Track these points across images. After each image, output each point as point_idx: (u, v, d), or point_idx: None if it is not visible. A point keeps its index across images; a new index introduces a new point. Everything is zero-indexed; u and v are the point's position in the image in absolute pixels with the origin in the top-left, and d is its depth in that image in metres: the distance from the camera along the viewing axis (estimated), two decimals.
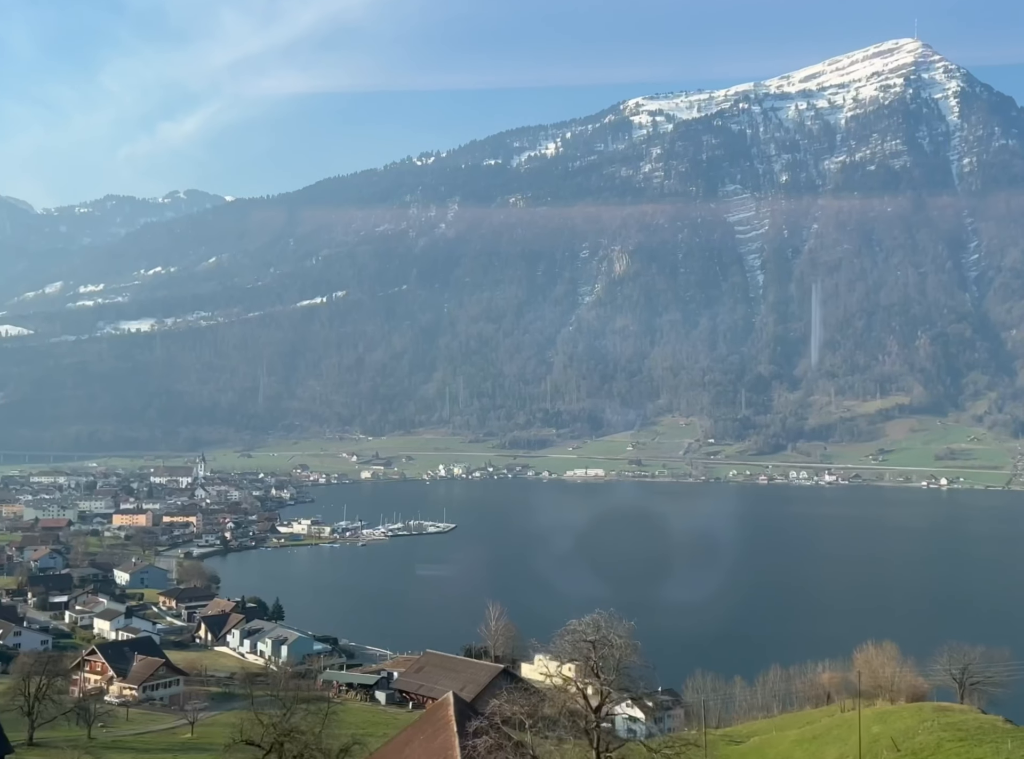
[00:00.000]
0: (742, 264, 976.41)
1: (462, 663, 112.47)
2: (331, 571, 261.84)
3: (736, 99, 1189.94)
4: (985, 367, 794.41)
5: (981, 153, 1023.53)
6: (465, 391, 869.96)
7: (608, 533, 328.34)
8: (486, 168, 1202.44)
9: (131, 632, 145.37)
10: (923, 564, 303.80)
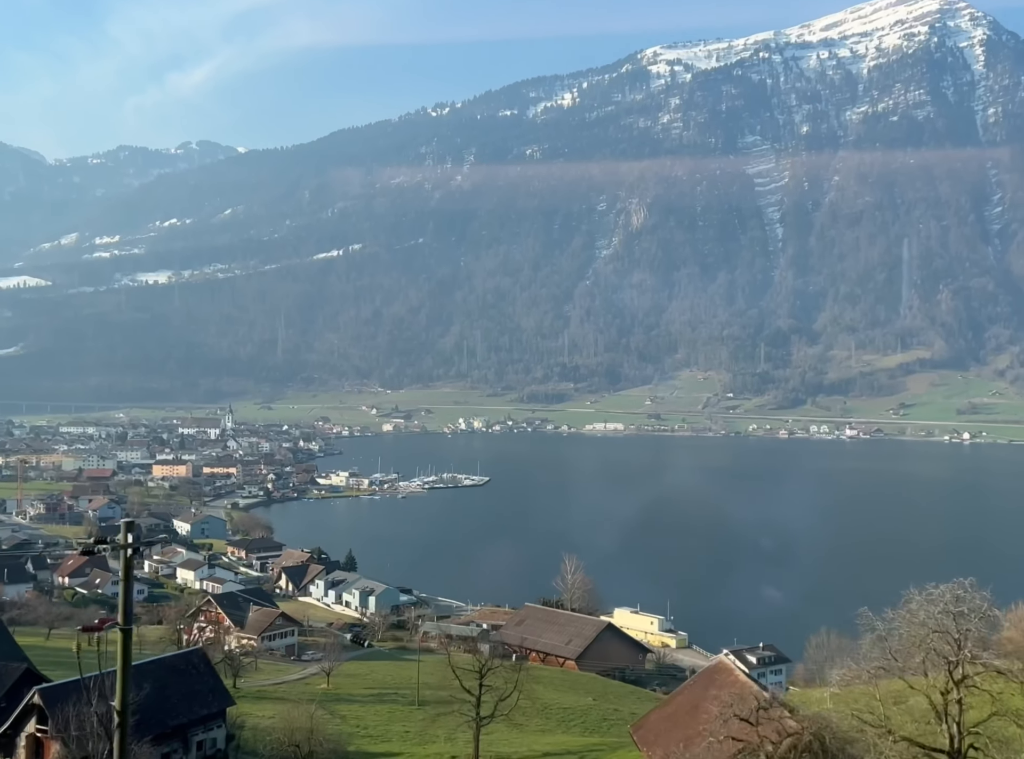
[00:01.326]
0: (761, 217, 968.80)
1: (564, 616, 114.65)
2: (381, 522, 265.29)
3: (756, 48, 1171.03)
4: (1007, 321, 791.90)
5: (1007, 103, 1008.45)
6: (482, 345, 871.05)
7: (648, 487, 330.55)
8: (502, 119, 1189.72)
9: (216, 582, 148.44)
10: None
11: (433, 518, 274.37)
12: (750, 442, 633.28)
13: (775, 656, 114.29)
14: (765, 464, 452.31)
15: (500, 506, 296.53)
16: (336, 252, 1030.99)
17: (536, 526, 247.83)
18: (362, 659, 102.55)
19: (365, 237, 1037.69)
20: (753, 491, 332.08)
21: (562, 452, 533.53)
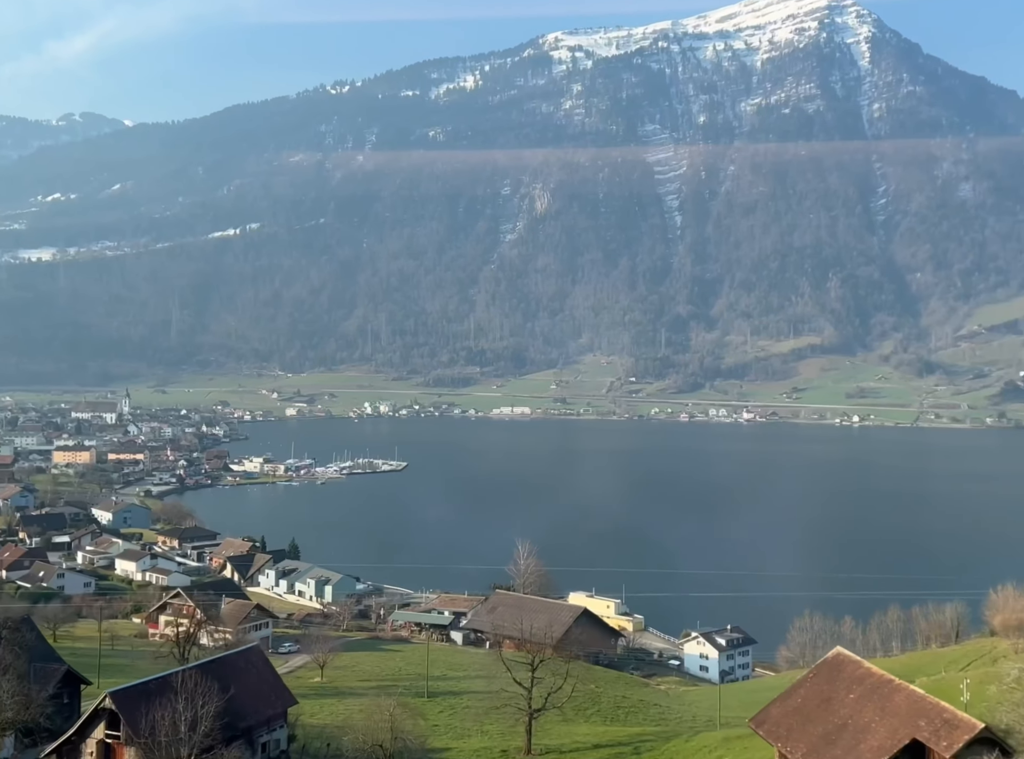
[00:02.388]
0: (661, 205, 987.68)
1: (536, 603, 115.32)
2: (307, 509, 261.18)
3: (655, 38, 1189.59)
4: (891, 309, 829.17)
5: (890, 99, 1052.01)
6: (387, 328, 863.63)
7: (567, 470, 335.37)
8: (404, 100, 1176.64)
9: (160, 573, 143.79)
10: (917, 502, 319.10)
11: (360, 504, 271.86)
12: (653, 425, 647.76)
13: (743, 638, 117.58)
14: (674, 447, 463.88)
15: (424, 491, 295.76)
16: (233, 231, 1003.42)
17: (468, 511, 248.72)
18: (340, 650, 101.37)
19: (264, 216, 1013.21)
20: (670, 474, 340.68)
21: (474, 436, 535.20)
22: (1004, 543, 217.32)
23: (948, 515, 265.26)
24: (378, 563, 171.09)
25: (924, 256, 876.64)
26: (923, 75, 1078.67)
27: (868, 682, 37.85)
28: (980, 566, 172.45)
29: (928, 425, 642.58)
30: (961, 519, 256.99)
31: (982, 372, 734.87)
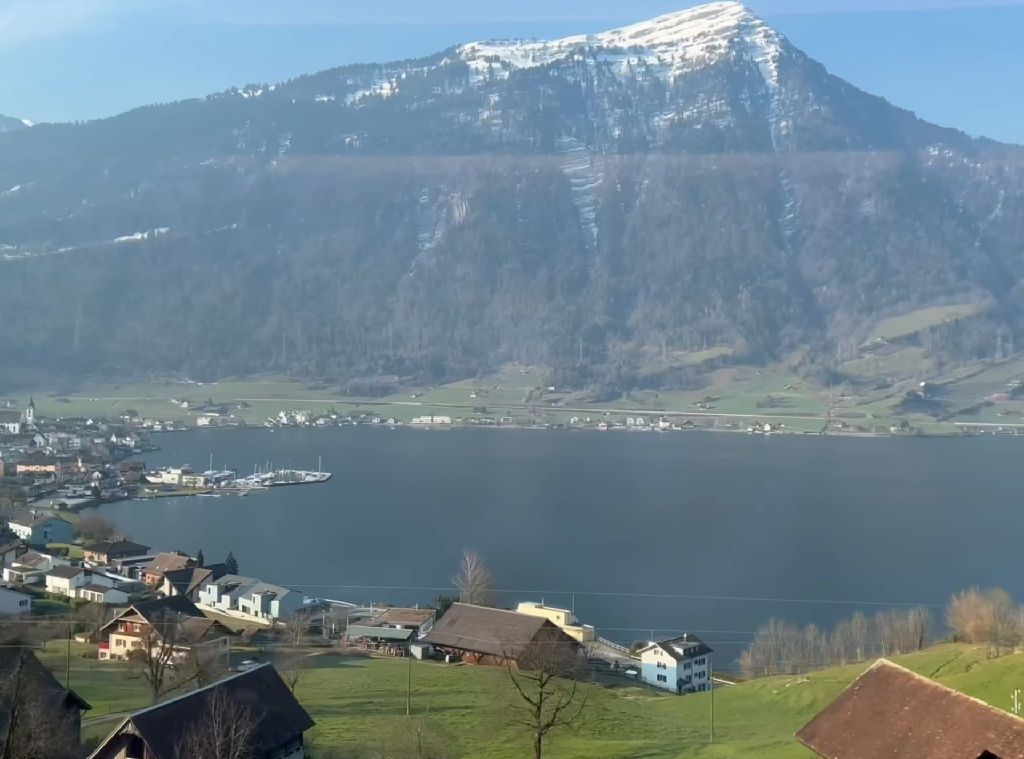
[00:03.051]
0: (578, 216, 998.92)
1: (497, 615, 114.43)
2: (232, 522, 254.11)
3: (571, 51, 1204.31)
4: (799, 321, 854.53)
5: (797, 117, 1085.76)
6: (302, 336, 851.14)
7: (497, 479, 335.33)
8: (319, 105, 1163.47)
9: (96, 590, 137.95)
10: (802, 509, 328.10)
11: (289, 517, 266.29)
12: (573, 434, 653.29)
13: (699, 646, 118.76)
14: (599, 456, 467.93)
15: (352, 503, 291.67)
16: (140, 235, 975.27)
17: (401, 522, 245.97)
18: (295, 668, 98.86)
19: (173, 221, 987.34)
20: (602, 483, 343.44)
21: (395, 446, 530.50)
22: (939, 549, 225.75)
23: (877, 522, 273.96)
24: (318, 577, 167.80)
25: (830, 270, 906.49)
26: (827, 95, 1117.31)
27: (922, 694, 38.17)
28: (920, 572, 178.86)
29: (836, 434, 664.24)
30: (890, 525, 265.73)
31: (885, 383, 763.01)
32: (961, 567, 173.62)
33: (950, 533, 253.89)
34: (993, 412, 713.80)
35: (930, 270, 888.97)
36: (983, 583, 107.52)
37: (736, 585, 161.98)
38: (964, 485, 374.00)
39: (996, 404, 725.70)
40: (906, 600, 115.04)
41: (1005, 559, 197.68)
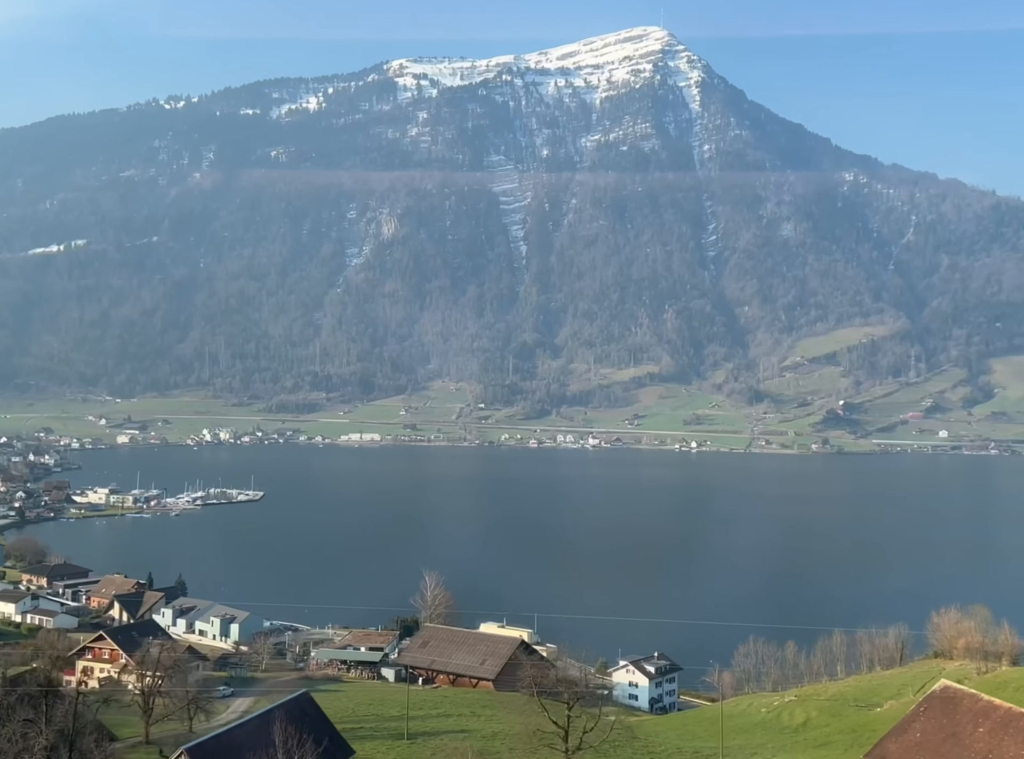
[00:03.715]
0: (507, 234, 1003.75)
1: (470, 636, 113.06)
2: (168, 542, 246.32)
3: (499, 70, 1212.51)
4: (723, 340, 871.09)
5: (719, 141, 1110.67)
6: (226, 352, 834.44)
7: (433, 496, 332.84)
8: (243, 118, 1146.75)
9: (44, 615, 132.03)
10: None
11: (225, 537, 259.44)
12: (504, 451, 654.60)
13: (669, 665, 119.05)
14: (534, 473, 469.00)
15: (290, 522, 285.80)
16: (56, 247, 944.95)
17: (343, 542, 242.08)
18: (272, 693, 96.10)
19: (91, 233, 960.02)
20: (543, 500, 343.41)
21: (326, 464, 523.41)
22: (894, 564, 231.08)
23: (823, 538, 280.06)
24: (265, 598, 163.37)
25: (751, 291, 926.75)
26: (748, 120, 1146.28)
27: (996, 715, 38.46)
28: (880, 587, 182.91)
29: (760, 450, 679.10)
30: (836, 542, 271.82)
31: (805, 401, 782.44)
32: (919, 582, 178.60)
33: (901, 549, 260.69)
34: (908, 430, 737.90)
35: (847, 292, 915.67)
36: (941, 598, 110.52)
37: (697, 604, 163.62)
38: (898, 501, 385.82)
39: (911, 422, 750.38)
40: (867, 615, 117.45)
41: (962, 574, 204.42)
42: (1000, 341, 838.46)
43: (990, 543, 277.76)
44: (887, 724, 73.04)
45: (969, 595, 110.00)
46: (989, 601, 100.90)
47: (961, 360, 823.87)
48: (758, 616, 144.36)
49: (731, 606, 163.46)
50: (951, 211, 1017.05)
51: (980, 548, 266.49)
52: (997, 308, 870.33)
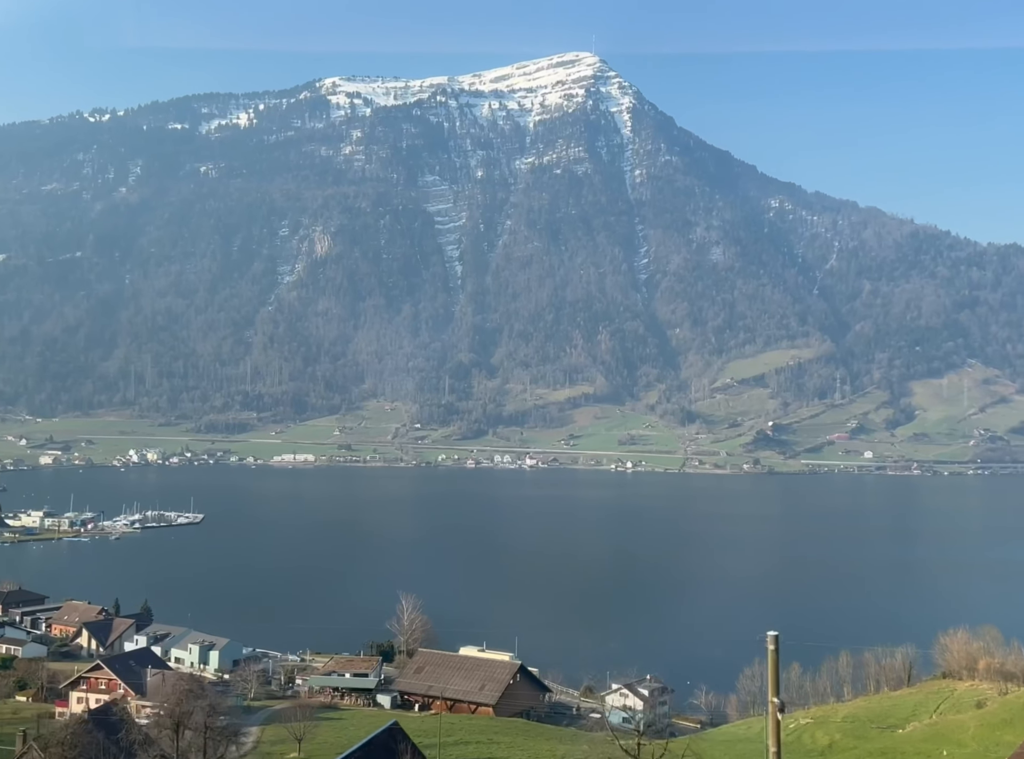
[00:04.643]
0: (442, 254, 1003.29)
1: (465, 660, 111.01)
2: (114, 567, 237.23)
3: (433, 91, 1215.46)
4: (655, 361, 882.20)
5: (650, 166, 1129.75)
6: (153, 370, 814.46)
7: (376, 517, 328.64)
8: (171, 132, 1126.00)
9: (12, 644, 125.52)
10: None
11: (171, 561, 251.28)
12: (442, 472, 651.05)
13: (662, 688, 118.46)
14: (475, 493, 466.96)
15: (236, 546, 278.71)
16: None
17: (296, 565, 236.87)
18: (275, 721, 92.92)
19: (10, 247, 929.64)
20: (490, 520, 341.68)
21: (261, 485, 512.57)
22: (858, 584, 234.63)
23: (769, 555, 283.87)
24: (236, 624, 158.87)
25: (682, 313, 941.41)
26: (678, 146, 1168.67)
27: None
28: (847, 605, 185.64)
29: (694, 471, 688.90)
30: (789, 558, 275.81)
31: (736, 422, 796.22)
32: (892, 601, 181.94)
33: (863, 567, 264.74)
34: (835, 450, 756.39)
35: (773, 315, 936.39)
36: (912, 615, 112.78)
37: (676, 625, 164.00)
38: (844, 520, 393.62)
39: (837, 443, 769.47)
40: (849, 634, 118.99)
41: (929, 592, 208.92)
42: (920, 364, 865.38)
43: (949, 561, 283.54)
44: (914, 745, 74.16)
45: (928, 611, 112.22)
46: (956, 617, 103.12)
47: (883, 383, 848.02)
48: (735, 633, 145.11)
49: (708, 626, 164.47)
50: (872, 238, 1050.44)
51: (942, 566, 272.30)
52: (917, 332, 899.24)
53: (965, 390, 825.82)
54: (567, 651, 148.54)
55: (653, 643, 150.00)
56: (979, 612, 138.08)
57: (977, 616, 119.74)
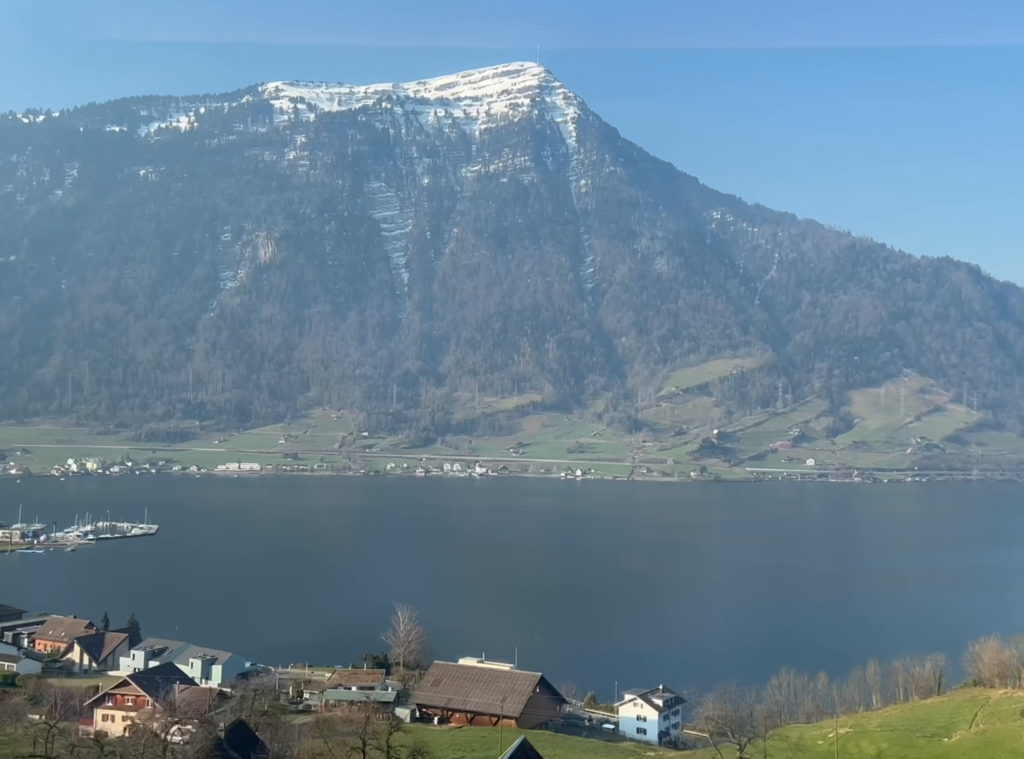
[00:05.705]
0: (388, 261, 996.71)
1: (485, 672, 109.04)
2: (77, 581, 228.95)
3: (378, 97, 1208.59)
4: (602, 370, 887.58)
5: (595, 177, 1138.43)
6: (91, 377, 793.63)
7: (333, 526, 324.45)
8: (109, 135, 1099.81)
9: (7, 660, 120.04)
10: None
11: (136, 573, 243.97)
12: (391, 481, 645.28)
13: (675, 698, 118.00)
14: (433, 503, 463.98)
15: (198, 557, 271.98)
16: None
17: (264, 576, 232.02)
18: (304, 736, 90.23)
19: None
20: (452, 529, 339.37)
21: (209, 495, 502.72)
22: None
23: (732, 564, 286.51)
24: (222, 636, 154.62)
25: (628, 322, 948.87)
26: (622, 157, 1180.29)
27: None
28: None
29: (642, 478, 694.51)
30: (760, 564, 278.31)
31: (681, 430, 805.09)
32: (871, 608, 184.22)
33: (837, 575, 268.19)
34: (778, 458, 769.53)
35: (717, 325, 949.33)
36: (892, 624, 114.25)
37: (664, 633, 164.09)
38: (805, 528, 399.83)
39: (780, 451, 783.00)
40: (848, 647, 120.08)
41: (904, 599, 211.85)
42: (858, 374, 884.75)
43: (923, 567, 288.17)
44: (967, 754, 74.45)
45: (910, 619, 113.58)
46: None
47: (823, 392, 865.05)
48: (725, 641, 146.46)
49: (697, 633, 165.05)
50: (811, 250, 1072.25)
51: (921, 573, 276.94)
52: (855, 343, 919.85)
53: (902, 399, 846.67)
54: (562, 660, 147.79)
55: (648, 653, 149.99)
56: (997, 621, 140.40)
57: (998, 624, 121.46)
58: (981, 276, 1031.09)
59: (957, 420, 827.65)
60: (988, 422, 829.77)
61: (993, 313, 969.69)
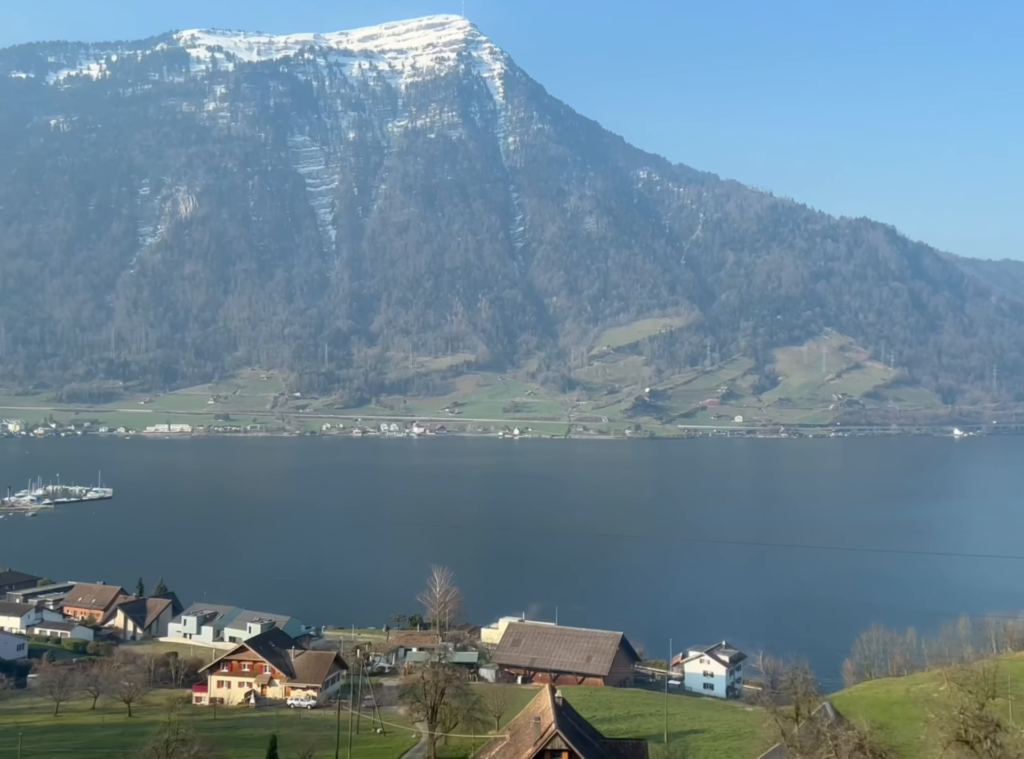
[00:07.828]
0: (315, 218, 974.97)
1: (565, 633, 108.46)
2: (58, 546, 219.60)
3: (300, 48, 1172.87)
4: (534, 329, 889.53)
5: (523, 134, 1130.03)
6: (7, 336, 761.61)
7: (287, 488, 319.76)
8: (16, 82, 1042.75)
9: (59, 628, 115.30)
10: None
11: (110, 537, 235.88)
12: (327, 441, 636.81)
13: (738, 654, 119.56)
14: (376, 463, 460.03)
15: (165, 521, 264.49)
16: None
17: (240, 540, 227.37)
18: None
19: None
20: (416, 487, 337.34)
21: (150, 457, 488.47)
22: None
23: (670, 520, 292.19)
24: (251, 600, 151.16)
25: (559, 282, 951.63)
26: (549, 114, 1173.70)
27: None
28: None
29: (579, 437, 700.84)
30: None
31: (614, 388, 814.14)
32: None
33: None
34: (707, 415, 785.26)
35: (645, 284, 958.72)
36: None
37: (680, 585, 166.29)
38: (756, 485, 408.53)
39: (709, 408, 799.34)
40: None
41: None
42: (781, 332, 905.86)
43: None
44: None
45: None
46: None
47: (749, 350, 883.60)
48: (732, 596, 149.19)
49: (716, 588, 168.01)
50: (735, 210, 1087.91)
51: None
52: (778, 302, 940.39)
53: (823, 357, 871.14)
54: (602, 619, 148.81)
55: (676, 610, 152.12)
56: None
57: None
58: (897, 237, 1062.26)
59: (875, 377, 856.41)
60: (904, 379, 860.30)
61: (908, 273, 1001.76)
